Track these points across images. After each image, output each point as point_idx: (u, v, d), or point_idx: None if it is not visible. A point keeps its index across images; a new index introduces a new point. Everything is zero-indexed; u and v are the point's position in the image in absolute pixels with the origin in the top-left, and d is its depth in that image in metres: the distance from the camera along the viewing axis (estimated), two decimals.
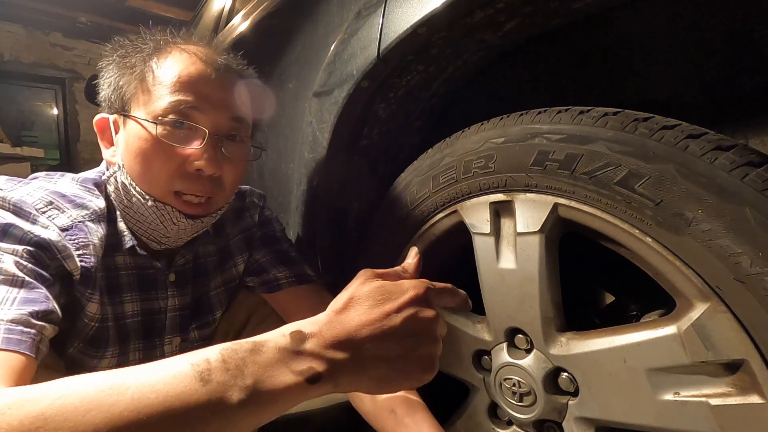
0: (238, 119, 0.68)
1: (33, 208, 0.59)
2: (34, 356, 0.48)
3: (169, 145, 0.63)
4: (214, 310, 0.83)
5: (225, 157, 0.66)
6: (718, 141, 0.48)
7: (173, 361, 0.37)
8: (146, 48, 0.67)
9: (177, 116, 0.63)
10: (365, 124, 0.85)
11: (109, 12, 5.26)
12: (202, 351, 0.38)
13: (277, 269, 0.83)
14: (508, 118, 0.66)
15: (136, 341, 0.74)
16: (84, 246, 0.62)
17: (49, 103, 5.67)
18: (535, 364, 0.63)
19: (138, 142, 0.64)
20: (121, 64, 0.67)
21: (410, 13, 0.67)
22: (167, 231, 0.69)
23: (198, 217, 0.68)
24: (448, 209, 0.72)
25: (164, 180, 0.64)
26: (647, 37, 0.70)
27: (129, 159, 0.65)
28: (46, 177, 0.68)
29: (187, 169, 0.64)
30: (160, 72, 0.64)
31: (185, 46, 0.68)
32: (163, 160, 0.63)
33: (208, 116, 0.64)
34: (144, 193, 0.65)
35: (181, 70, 0.64)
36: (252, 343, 0.38)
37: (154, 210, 0.66)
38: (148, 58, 0.66)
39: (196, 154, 0.64)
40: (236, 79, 0.69)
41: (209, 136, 0.64)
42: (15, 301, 0.50)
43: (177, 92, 0.63)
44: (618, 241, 0.55)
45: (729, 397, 0.47)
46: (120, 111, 0.67)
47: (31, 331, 0.49)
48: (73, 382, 0.37)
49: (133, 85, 0.65)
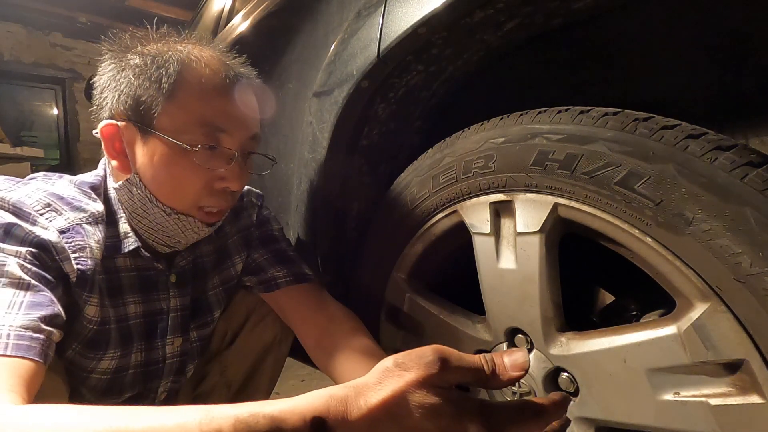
0: (256, 137, 0.71)
1: (32, 209, 0.59)
2: (43, 362, 0.48)
3: (202, 168, 0.65)
4: (213, 310, 0.83)
5: (247, 172, 0.70)
6: (718, 141, 0.48)
7: (183, 416, 0.34)
8: (169, 60, 0.64)
9: (209, 141, 0.64)
10: (365, 124, 0.85)
11: (109, 12, 5.25)
12: (216, 414, 0.33)
13: (275, 268, 0.83)
14: (508, 118, 0.66)
15: (138, 342, 0.74)
16: (80, 248, 0.62)
17: (49, 103, 5.66)
18: (535, 364, 0.63)
19: (167, 160, 0.64)
20: (137, 71, 0.64)
21: (410, 13, 0.67)
22: (186, 238, 0.71)
23: (216, 224, 0.72)
24: (448, 209, 0.72)
25: (192, 197, 0.67)
26: (647, 37, 0.70)
27: (152, 174, 0.65)
28: (43, 178, 0.68)
29: (215, 187, 0.67)
30: (190, 91, 0.63)
31: (211, 62, 0.66)
32: (194, 181, 0.65)
33: (234, 138, 0.67)
34: (165, 206, 0.67)
35: (212, 94, 0.65)
36: (270, 420, 0.33)
37: (176, 221, 0.68)
38: (176, 75, 0.63)
39: (225, 174, 0.67)
40: (254, 97, 0.71)
41: (237, 156, 0.67)
42: (23, 306, 0.50)
43: (210, 117, 0.64)
44: (618, 241, 0.55)
45: (729, 397, 0.47)
46: (139, 123, 0.64)
47: (41, 337, 0.49)
48: (79, 416, 0.35)
49: (159, 100, 0.63)
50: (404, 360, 0.35)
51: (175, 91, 0.63)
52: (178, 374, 0.82)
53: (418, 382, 0.34)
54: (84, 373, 0.70)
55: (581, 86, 0.79)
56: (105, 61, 0.67)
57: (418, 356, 0.35)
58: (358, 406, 0.33)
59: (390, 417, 0.33)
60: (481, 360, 0.37)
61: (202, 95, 0.64)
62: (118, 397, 0.75)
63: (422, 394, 0.33)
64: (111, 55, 0.67)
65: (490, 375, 0.37)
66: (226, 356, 0.89)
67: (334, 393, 0.34)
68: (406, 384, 0.33)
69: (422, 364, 0.34)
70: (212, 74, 0.65)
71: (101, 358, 0.69)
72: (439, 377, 0.34)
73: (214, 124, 0.64)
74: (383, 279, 0.84)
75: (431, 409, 0.33)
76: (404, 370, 0.34)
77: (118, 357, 0.71)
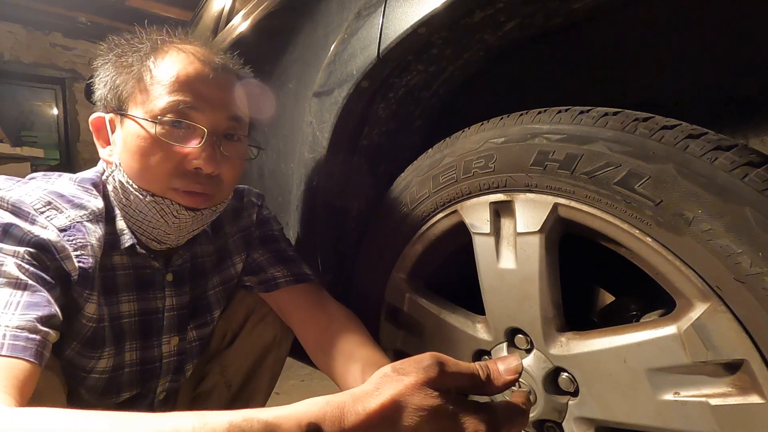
0: (235, 118, 0.69)
1: (31, 208, 0.59)
2: (38, 363, 0.48)
3: (168, 144, 0.63)
4: (213, 310, 0.83)
5: (223, 155, 0.67)
6: (718, 141, 0.48)
7: (178, 421, 0.34)
8: (143, 47, 0.67)
9: (175, 116, 0.63)
10: (365, 124, 0.85)
11: (109, 12, 5.25)
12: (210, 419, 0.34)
13: (275, 268, 0.83)
14: (508, 118, 0.66)
15: (132, 341, 0.74)
16: (82, 246, 0.62)
17: (49, 103, 5.66)
18: (535, 364, 0.63)
19: (136, 140, 0.64)
20: (118, 63, 0.67)
21: (410, 13, 0.67)
22: (168, 226, 0.69)
23: (198, 209, 0.69)
24: (448, 209, 0.72)
25: (163, 178, 0.65)
26: (647, 37, 0.70)
27: (127, 157, 0.66)
28: (43, 177, 0.68)
29: (186, 167, 0.65)
30: (157, 71, 0.65)
31: (183, 45, 0.68)
32: (162, 159, 0.64)
33: (206, 115, 0.65)
34: (142, 189, 0.65)
35: (179, 69, 0.65)
36: (264, 425, 0.33)
37: (153, 205, 0.66)
38: (146, 57, 0.66)
39: (194, 152, 0.64)
40: (233, 79, 0.70)
41: (207, 135, 0.64)
42: (19, 306, 0.50)
43: (175, 92, 0.63)
44: (618, 241, 0.55)
45: (729, 397, 0.47)
46: (117, 110, 0.67)
47: (37, 338, 0.49)
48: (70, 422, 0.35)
49: (131, 84, 0.65)
50: (402, 366, 0.36)
51: (143, 71, 0.65)
52: (177, 374, 0.82)
53: (416, 385, 0.34)
54: (83, 372, 0.70)
55: (581, 86, 0.79)
56: (97, 61, 0.70)
57: (416, 361, 0.36)
58: (355, 411, 0.34)
59: (388, 421, 0.33)
60: (476, 366, 0.39)
61: (170, 71, 0.65)
62: (116, 398, 0.75)
63: (421, 397, 0.34)
64: (102, 55, 0.69)
65: (486, 381, 0.38)
66: (226, 356, 0.89)
67: (331, 400, 0.35)
68: (405, 387, 0.34)
69: (420, 368, 0.35)
70: (183, 54, 0.67)
71: (99, 357, 0.69)
72: (437, 381, 0.35)
73: (181, 100, 0.63)
74: (383, 279, 0.84)
75: (430, 410, 0.34)
76: (403, 375, 0.35)
77: (113, 355, 0.71)
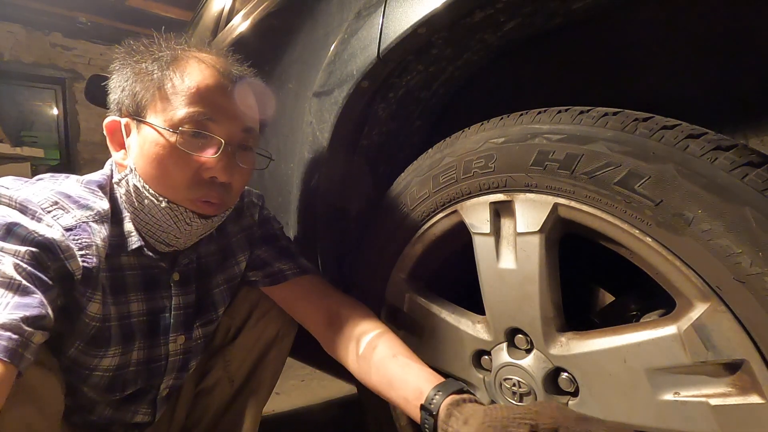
0: (249, 130, 0.71)
1: (39, 207, 0.61)
2: (13, 363, 0.48)
3: (186, 153, 0.65)
4: (218, 308, 0.84)
5: (237, 165, 0.69)
6: (718, 141, 0.48)
7: None
8: (163, 56, 0.68)
9: (194, 126, 0.65)
10: (365, 124, 0.85)
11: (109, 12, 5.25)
12: None
13: (281, 262, 0.85)
14: (508, 118, 0.66)
15: (140, 340, 0.75)
16: (87, 246, 0.63)
17: (49, 103, 5.66)
18: (535, 364, 0.63)
19: (154, 147, 0.65)
20: (137, 69, 0.68)
21: (410, 13, 0.67)
22: (179, 232, 0.70)
23: (210, 216, 0.71)
24: (448, 209, 0.72)
25: (179, 185, 0.66)
26: (647, 37, 0.70)
27: (143, 163, 0.67)
28: (51, 178, 0.69)
29: (202, 176, 0.67)
30: (178, 81, 0.66)
31: (202, 55, 0.70)
32: (179, 167, 0.65)
33: (223, 127, 0.67)
34: (157, 195, 0.67)
35: (200, 81, 0.66)
36: None
37: (167, 211, 0.68)
38: (167, 66, 0.67)
39: (210, 162, 0.66)
40: (249, 91, 0.72)
41: (224, 145, 0.66)
42: (8, 306, 0.51)
43: (195, 103, 0.65)
44: (618, 241, 0.55)
45: (729, 397, 0.47)
46: (134, 116, 0.68)
47: (16, 337, 0.49)
48: None
49: (151, 92, 0.66)
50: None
51: (164, 80, 0.66)
52: (181, 371, 0.83)
53: None
54: (86, 370, 0.70)
55: (581, 86, 0.79)
56: (114, 64, 0.71)
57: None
58: None
59: None
60: None
61: (191, 83, 0.66)
62: (120, 394, 0.76)
63: None
64: (119, 59, 0.70)
65: None
66: (230, 351, 0.90)
67: None
68: None
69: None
70: (203, 66, 0.68)
71: (103, 355, 0.70)
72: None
73: (201, 111, 0.65)
74: (383, 279, 0.84)
75: None
76: None
77: (119, 354, 0.72)
